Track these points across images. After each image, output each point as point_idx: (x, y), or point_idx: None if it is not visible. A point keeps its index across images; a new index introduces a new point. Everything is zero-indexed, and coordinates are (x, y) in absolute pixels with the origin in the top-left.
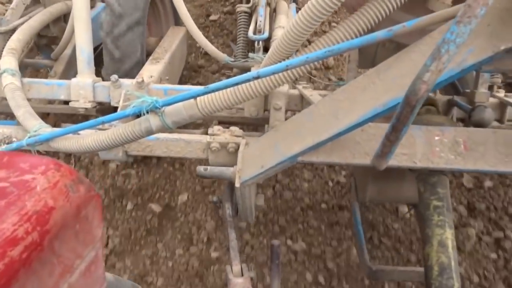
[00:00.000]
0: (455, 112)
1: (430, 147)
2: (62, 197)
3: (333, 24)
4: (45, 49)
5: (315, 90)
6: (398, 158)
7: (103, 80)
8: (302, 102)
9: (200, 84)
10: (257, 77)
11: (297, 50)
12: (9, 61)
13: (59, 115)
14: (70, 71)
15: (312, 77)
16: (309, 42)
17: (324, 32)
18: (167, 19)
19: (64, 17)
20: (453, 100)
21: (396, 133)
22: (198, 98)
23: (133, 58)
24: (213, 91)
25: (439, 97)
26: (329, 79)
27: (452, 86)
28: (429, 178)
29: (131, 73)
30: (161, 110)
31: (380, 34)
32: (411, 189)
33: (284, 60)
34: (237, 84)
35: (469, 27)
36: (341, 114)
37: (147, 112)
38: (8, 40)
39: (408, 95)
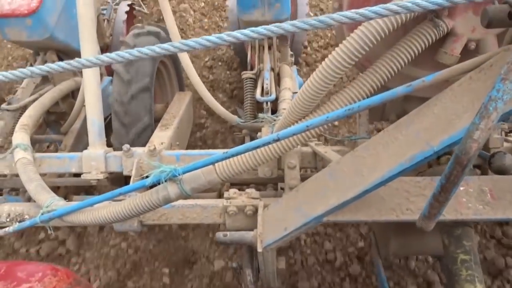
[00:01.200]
0: None
1: (456, 198)
2: None
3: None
4: (54, 125)
5: (327, 146)
6: None
7: (113, 148)
8: (316, 159)
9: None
10: (277, 140)
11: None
12: (21, 137)
13: (69, 187)
14: (79, 144)
15: (324, 134)
16: None
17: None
18: (172, 86)
19: (72, 94)
20: None
21: (445, 193)
22: (216, 164)
23: (142, 122)
24: (233, 156)
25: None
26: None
27: None
28: (454, 230)
29: (140, 137)
30: (179, 177)
31: (400, 90)
32: (434, 241)
33: (299, 120)
34: (257, 147)
35: None
36: (365, 172)
37: (165, 181)
38: (18, 117)
39: (458, 154)
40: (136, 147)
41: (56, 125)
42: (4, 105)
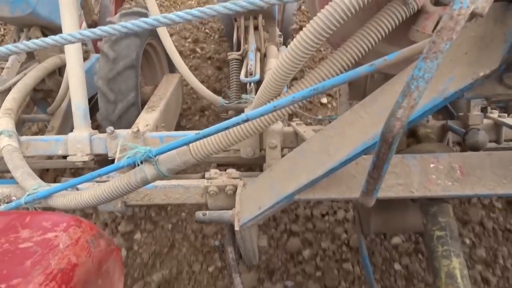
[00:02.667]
0: (451, 137)
1: (426, 175)
2: (84, 253)
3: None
4: (42, 103)
5: (308, 126)
6: (395, 189)
7: (100, 125)
8: (297, 139)
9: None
10: (246, 120)
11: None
12: (6, 122)
13: (58, 169)
14: (67, 124)
15: (305, 114)
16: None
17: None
18: (161, 68)
19: (59, 71)
20: (447, 125)
21: (378, 170)
22: (190, 144)
23: (127, 100)
24: (205, 136)
25: (433, 123)
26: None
27: (446, 111)
28: (429, 208)
29: (125, 115)
30: (155, 159)
31: (363, 69)
32: (415, 217)
33: (272, 99)
34: (227, 128)
35: (436, 62)
36: (332, 150)
37: (141, 162)
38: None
39: (384, 132)
40: (120, 130)
41: (44, 103)
42: None
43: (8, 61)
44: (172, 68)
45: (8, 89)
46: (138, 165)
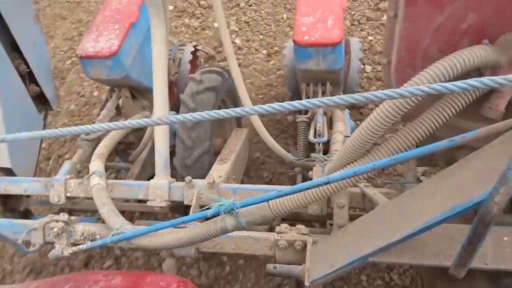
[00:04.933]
0: None
1: (499, 248)
2: None
3: None
4: (122, 154)
5: (376, 188)
6: None
7: (176, 170)
8: (364, 200)
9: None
10: (327, 183)
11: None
12: (98, 165)
13: (132, 212)
14: (144, 172)
15: (373, 177)
16: None
17: None
18: (230, 122)
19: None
20: None
21: (472, 246)
22: (270, 200)
23: (202, 146)
24: (286, 194)
25: None
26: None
27: None
28: (503, 279)
29: (199, 161)
30: (236, 211)
31: (443, 144)
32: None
33: (349, 163)
34: (309, 188)
35: None
36: (410, 217)
37: (224, 213)
38: (94, 146)
39: (482, 213)
40: (196, 179)
41: (124, 153)
42: (83, 136)
43: (100, 115)
44: (239, 123)
45: (97, 139)
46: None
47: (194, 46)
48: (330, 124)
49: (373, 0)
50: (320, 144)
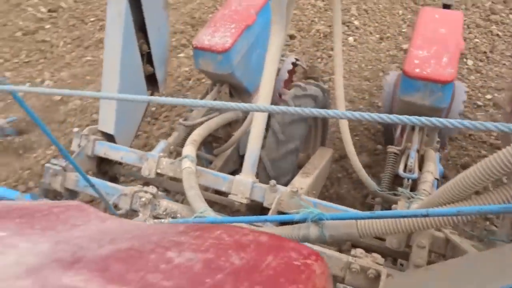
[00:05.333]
0: None
1: None
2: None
3: None
4: (207, 145)
5: (462, 238)
6: None
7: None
8: (446, 247)
9: None
10: (426, 215)
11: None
12: (191, 150)
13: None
14: (226, 167)
15: (461, 226)
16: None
17: None
18: (315, 139)
19: (230, 123)
20: None
21: None
22: (359, 220)
23: (294, 143)
24: (379, 217)
25: None
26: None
27: None
28: None
29: (285, 158)
30: (322, 222)
31: None
32: None
33: (449, 203)
34: (403, 216)
35: None
36: (508, 270)
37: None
38: (188, 132)
39: None
40: (280, 185)
41: (209, 145)
42: (181, 120)
43: None
44: (323, 142)
45: (192, 126)
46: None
47: (296, 59)
48: (420, 163)
49: (485, 12)
50: (409, 180)
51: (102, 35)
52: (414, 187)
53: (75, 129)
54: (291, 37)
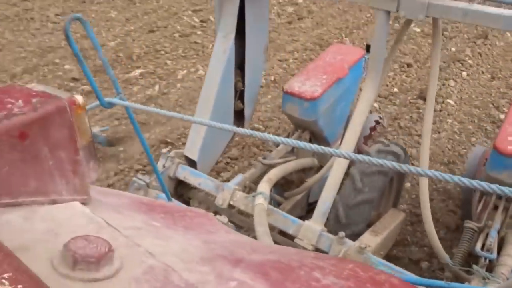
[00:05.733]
0: None
1: None
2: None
3: None
4: (278, 187)
5: None
6: None
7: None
8: None
9: None
10: None
11: None
12: (265, 187)
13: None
14: (293, 211)
15: None
16: None
17: None
18: (388, 199)
19: (304, 169)
20: None
21: None
22: None
23: (371, 193)
24: None
25: None
26: None
27: None
28: None
29: (359, 208)
30: None
31: None
32: None
33: None
34: None
35: None
36: None
37: None
38: (265, 171)
39: None
40: (347, 239)
41: (280, 187)
42: (260, 158)
43: (279, 146)
44: (395, 203)
45: (270, 165)
46: None
47: (379, 117)
48: (499, 244)
49: None
50: (486, 260)
51: None
52: (489, 268)
53: (164, 150)
54: (408, 65)
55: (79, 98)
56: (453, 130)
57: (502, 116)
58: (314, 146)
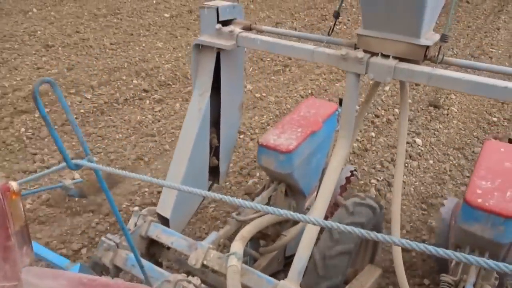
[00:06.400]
0: None
1: None
2: None
3: None
4: (255, 242)
5: None
6: None
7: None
8: None
9: None
10: None
11: None
12: (239, 247)
13: None
14: (269, 268)
15: None
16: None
17: None
18: (364, 255)
19: (280, 223)
20: None
21: None
22: None
23: (347, 245)
24: None
25: None
26: None
27: None
28: None
29: (339, 257)
30: None
31: None
32: None
33: None
34: None
35: None
36: None
37: None
38: (239, 227)
39: None
40: None
41: (256, 241)
42: (234, 214)
43: (254, 200)
44: (372, 259)
45: (245, 221)
46: None
47: (354, 168)
48: None
49: None
50: None
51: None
52: None
53: (135, 208)
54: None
55: (14, 185)
56: (458, 127)
57: (495, 119)
58: (283, 212)
